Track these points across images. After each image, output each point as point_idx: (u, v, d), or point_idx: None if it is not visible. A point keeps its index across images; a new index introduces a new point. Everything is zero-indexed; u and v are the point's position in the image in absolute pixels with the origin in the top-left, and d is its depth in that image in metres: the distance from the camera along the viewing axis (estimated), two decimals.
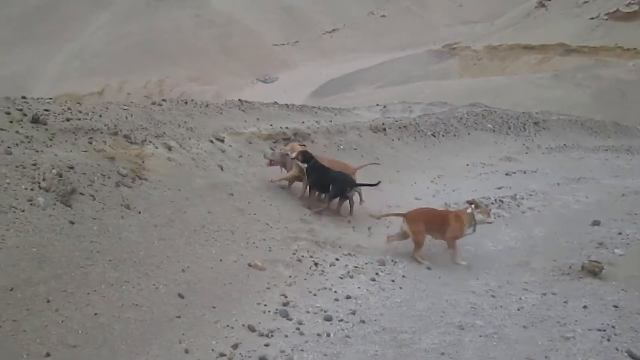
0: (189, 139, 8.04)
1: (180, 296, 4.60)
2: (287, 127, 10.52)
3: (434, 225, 6.38)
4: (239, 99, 12.88)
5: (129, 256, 4.73)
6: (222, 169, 7.51)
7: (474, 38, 62.86)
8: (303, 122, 11.75)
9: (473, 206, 6.47)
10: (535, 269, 6.26)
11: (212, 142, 8.42)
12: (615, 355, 4.24)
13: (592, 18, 52.59)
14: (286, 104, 14.38)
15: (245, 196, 7.02)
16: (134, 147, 6.51)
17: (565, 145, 15.86)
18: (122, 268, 4.56)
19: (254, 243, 5.95)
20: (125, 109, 7.88)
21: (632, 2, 50.63)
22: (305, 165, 7.42)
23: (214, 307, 4.65)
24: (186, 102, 10.60)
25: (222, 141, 8.75)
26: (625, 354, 4.23)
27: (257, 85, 66.32)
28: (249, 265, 5.46)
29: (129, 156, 6.19)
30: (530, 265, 6.37)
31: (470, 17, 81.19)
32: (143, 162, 6.27)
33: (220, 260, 5.37)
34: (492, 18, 73.74)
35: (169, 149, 7.03)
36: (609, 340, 4.45)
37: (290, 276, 5.50)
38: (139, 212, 5.40)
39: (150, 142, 6.94)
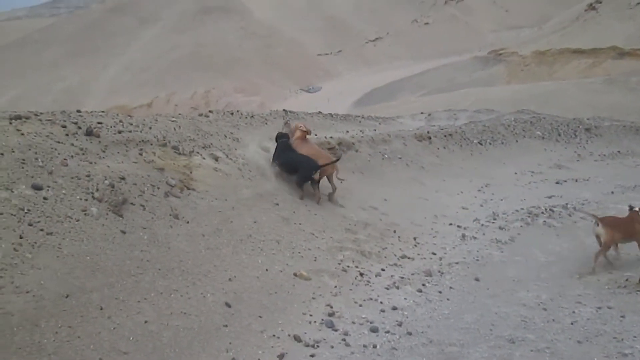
0: (235, 149, 8.15)
1: (227, 305, 4.65)
2: (331, 137, 10.54)
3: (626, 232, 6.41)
4: (284, 109, 13.00)
5: (177, 265, 4.83)
6: (267, 179, 7.58)
7: (520, 43, 61.54)
8: (347, 132, 11.74)
9: None
10: (589, 281, 6.04)
11: (257, 152, 8.51)
12: None
13: None
14: (330, 114, 14.41)
15: (290, 206, 7.06)
16: (182, 158, 6.65)
17: (619, 152, 15.26)
18: (171, 277, 4.65)
19: (299, 253, 5.97)
20: (173, 121, 8.07)
21: None
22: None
23: (260, 317, 4.67)
24: (232, 113, 10.77)
25: (267, 151, 8.84)
26: None
27: (301, 95, 66.86)
28: (295, 275, 5.48)
29: (177, 167, 6.33)
30: (584, 278, 6.15)
31: (516, 22, 79.60)
32: (191, 172, 6.40)
33: (266, 270, 5.41)
34: (540, 22, 72.12)
35: (216, 159, 7.15)
36: None
37: (335, 286, 5.48)
38: (187, 222, 5.50)
39: (197, 152, 7.07)
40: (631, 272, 6.12)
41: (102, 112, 7.70)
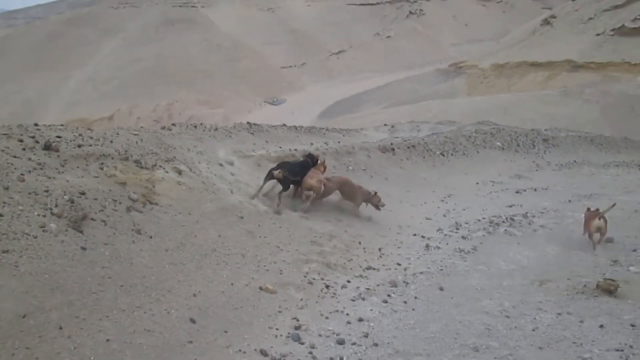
0: (199, 162, 8.09)
1: (192, 321, 4.58)
2: (295, 149, 10.56)
3: None
4: (248, 122, 12.98)
5: (140, 281, 4.74)
6: (232, 192, 7.54)
7: (480, 56, 63.12)
8: (312, 144, 11.80)
9: None
10: (549, 288, 6.18)
11: (221, 165, 8.46)
12: None
13: (598, 34, 52.68)
14: (294, 126, 14.47)
15: (256, 219, 7.03)
16: (144, 172, 6.56)
17: (575, 161, 15.77)
18: (133, 293, 4.56)
19: (264, 266, 5.93)
20: (135, 134, 7.96)
21: (638, 17, 50.73)
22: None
23: (225, 332, 4.62)
24: (195, 126, 10.70)
25: (232, 164, 8.80)
26: None
27: (265, 107, 66.91)
28: (260, 288, 5.44)
29: (139, 181, 6.23)
30: (545, 285, 6.29)
31: (476, 36, 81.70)
32: (153, 186, 6.31)
33: (232, 284, 5.36)
34: (498, 36, 74.21)
35: (179, 173, 7.07)
36: None
37: (301, 299, 5.46)
38: (150, 237, 5.42)
39: (160, 166, 6.99)
40: (589, 279, 6.30)
41: (62, 125, 7.55)
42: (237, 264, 5.78)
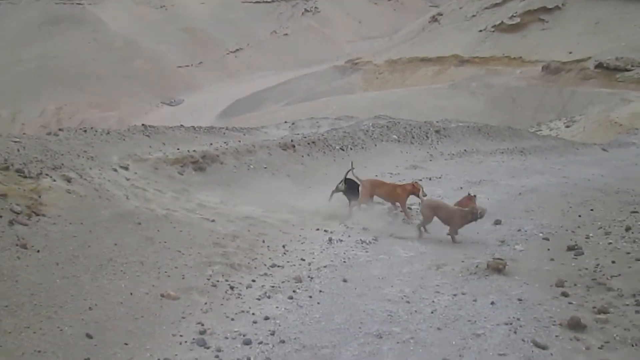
0: (90, 169, 7.69)
1: (89, 336, 4.35)
2: (194, 150, 10.33)
3: None
4: (143, 124, 12.52)
5: (28, 299, 4.42)
6: (127, 198, 7.23)
7: (374, 53, 65.19)
8: (211, 144, 11.59)
9: None
10: (445, 271, 6.52)
11: (115, 170, 8.10)
12: (522, 346, 4.50)
13: (480, 30, 56.29)
14: (193, 127, 14.15)
15: (154, 224, 6.79)
16: (28, 181, 6.12)
17: (465, 150, 16.71)
18: (20, 313, 4.24)
19: (165, 272, 5.75)
20: (16, 142, 7.42)
21: (515, 15, 54.78)
22: None
23: (126, 344, 4.43)
24: (85, 131, 10.16)
25: (127, 169, 8.45)
26: (531, 344, 4.50)
27: (162, 108, 64.77)
28: (162, 295, 5.27)
29: (22, 192, 5.81)
30: (441, 269, 6.62)
31: (370, 33, 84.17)
32: (39, 196, 5.91)
33: (131, 294, 5.14)
34: (390, 33, 76.99)
35: (68, 180, 6.67)
36: (515, 332, 4.71)
37: (205, 303, 5.35)
38: (38, 251, 5.07)
39: (46, 175, 6.55)
40: (480, 259, 6.72)
41: None
42: (136, 272, 5.55)
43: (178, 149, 10.42)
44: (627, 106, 35.10)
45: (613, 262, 6.35)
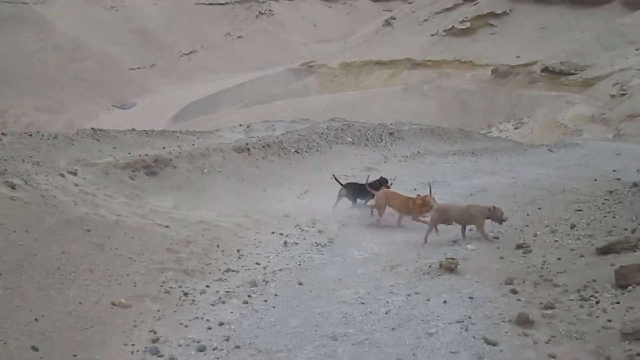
0: (36, 174, 7.43)
1: (34, 349, 4.20)
2: (146, 154, 10.12)
3: None
4: (92, 128, 12.19)
5: None
6: (76, 204, 7.02)
7: (329, 56, 65.53)
8: (164, 148, 11.39)
9: None
10: (399, 272, 6.61)
11: (63, 176, 7.85)
12: (473, 343, 4.60)
13: (432, 35, 57.43)
14: (145, 130, 13.86)
15: (105, 231, 6.62)
16: None
17: (418, 152, 17.00)
18: None
19: (116, 280, 5.62)
20: None
21: (465, 19, 56.15)
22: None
23: (75, 355, 4.30)
24: (31, 135, 9.81)
25: (75, 174, 8.20)
26: (482, 341, 4.61)
27: (114, 111, 63.15)
28: (113, 304, 5.14)
29: None
30: (395, 269, 6.71)
31: (324, 36, 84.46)
32: None
33: (80, 303, 4.99)
34: (344, 36, 77.54)
35: (12, 187, 6.43)
36: (467, 330, 4.81)
37: (158, 310, 5.26)
38: None
39: None
40: (433, 259, 6.85)
41: None
42: (85, 280, 5.40)
43: (129, 153, 10.19)
44: (571, 108, 36.48)
45: (559, 259, 6.58)
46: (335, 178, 10.16)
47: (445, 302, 5.46)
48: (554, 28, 50.44)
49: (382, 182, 9.76)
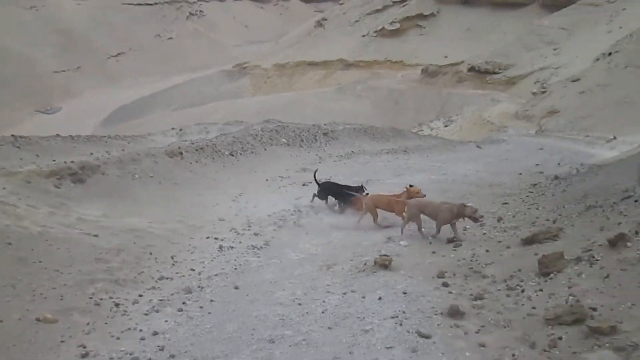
0: None
1: None
2: (72, 161, 9.69)
3: None
4: (13, 135, 11.57)
5: None
6: None
7: (262, 57, 65.27)
8: (92, 154, 10.96)
9: None
10: (335, 271, 6.68)
11: None
12: (407, 337, 4.71)
13: (363, 35, 58.40)
14: (71, 136, 13.30)
15: (27, 243, 6.29)
16: None
17: (352, 152, 17.23)
18: None
19: (41, 294, 5.35)
20: None
21: (394, 21, 57.45)
22: None
23: None
24: None
25: None
26: (416, 334, 4.72)
27: (37, 116, 60.24)
28: (38, 319, 4.89)
29: None
30: (332, 269, 6.77)
31: (256, 37, 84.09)
32: None
33: (1, 321, 4.72)
34: (277, 37, 77.46)
35: None
36: (401, 325, 4.92)
37: (88, 323, 5.05)
38: None
39: None
40: (368, 257, 6.97)
41: None
42: (6, 297, 5.12)
43: (54, 161, 9.74)
44: (497, 106, 38.13)
45: (487, 251, 6.86)
46: (314, 177, 10.54)
47: (380, 298, 5.55)
48: (479, 29, 52.54)
49: (358, 189, 9.93)
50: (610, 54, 37.03)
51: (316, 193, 10.33)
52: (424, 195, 8.79)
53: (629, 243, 5.45)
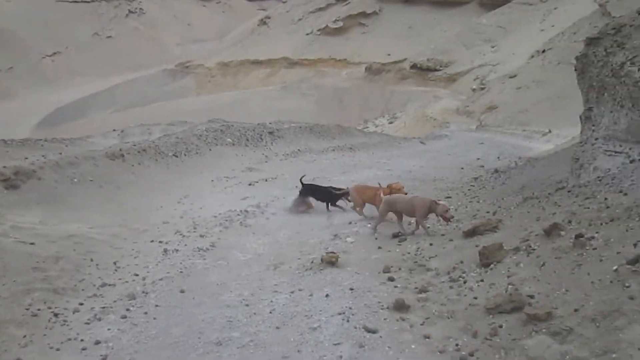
0: None
1: None
2: (5, 167, 9.25)
3: None
4: None
5: None
6: None
7: (205, 56, 64.31)
8: (26, 158, 10.49)
9: None
10: (283, 270, 6.67)
11: None
12: (354, 333, 4.76)
13: (307, 34, 58.53)
14: (4, 140, 12.69)
15: None
16: None
17: (299, 150, 17.25)
18: None
19: None
20: None
21: (338, 19, 57.87)
22: None
23: None
24: None
25: None
26: (363, 330, 4.78)
27: None
28: None
29: None
30: (279, 268, 6.76)
31: (199, 36, 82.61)
32: None
33: None
34: (220, 36, 76.45)
35: None
36: (348, 321, 4.96)
37: (25, 336, 4.84)
38: None
39: None
40: (315, 255, 7.00)
41: None
42: None
43: None
44: (438, 102, 39.09)
45: (431, 244, 7.03)
46: (300, 180, 10.38)
47: (327, 295, 5.59)
48: (420, 27, 53.64)
49: (344, 193, 9.94)
50: (544, 51, 38.66)
51: (303, 195, 10.26)
52: (406, 193, 8.88)
53: (562, 232, 5.71)
